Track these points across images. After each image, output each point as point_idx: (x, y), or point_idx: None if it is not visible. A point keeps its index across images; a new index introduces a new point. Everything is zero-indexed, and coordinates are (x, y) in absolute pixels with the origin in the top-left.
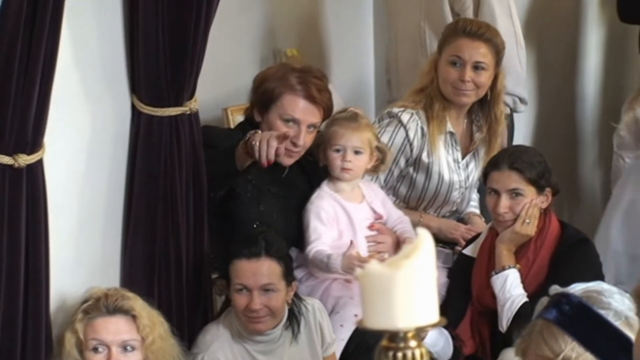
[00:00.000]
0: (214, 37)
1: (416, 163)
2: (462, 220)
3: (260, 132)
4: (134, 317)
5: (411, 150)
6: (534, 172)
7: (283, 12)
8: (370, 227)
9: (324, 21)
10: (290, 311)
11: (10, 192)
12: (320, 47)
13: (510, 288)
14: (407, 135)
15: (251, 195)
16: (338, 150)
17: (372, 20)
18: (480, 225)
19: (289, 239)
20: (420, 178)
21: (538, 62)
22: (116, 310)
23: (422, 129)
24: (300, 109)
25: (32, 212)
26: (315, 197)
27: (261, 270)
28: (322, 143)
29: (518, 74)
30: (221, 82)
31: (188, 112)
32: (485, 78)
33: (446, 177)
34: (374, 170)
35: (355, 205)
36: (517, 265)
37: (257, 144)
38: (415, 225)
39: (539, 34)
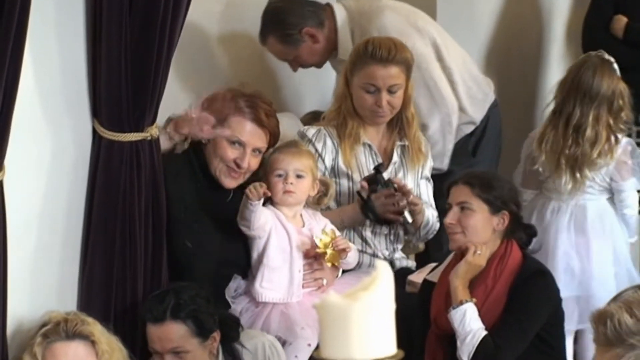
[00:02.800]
0: (176, 65)
1: (335, 170)
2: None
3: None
4: (93, 343)
5: (323, 161)
6: (490, 192)
7: (243, 44)
8: (306, 256)
9: None
10: (228, 358)
11: None
12: (283, 77)
13: (470, 322)
14: (315, 148)
15: (185, 215)
16: (280, 175)
17: None
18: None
19: (227, 263)
20: (344, 183)
21: (500, 98)
22: (75, 335)
23: (333, 142)
24: (247, 131)
25: None
26: None
27: (167, 335)
28: (264, 173)
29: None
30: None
31: (149, 138)
32: (399, 97)
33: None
34: (317, 203)
35: (296, 229)
36: (474, 299)
37: (191, 127)
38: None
39: (502, 67)
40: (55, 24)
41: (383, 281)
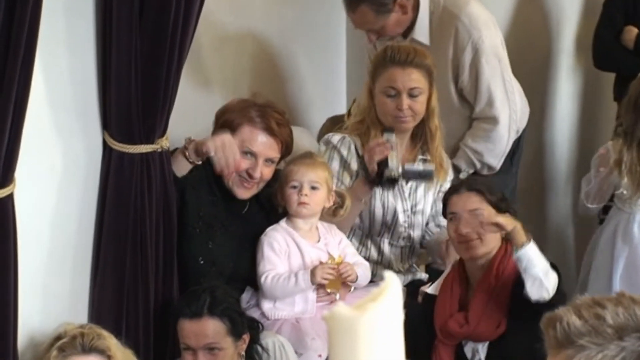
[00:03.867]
0: (186, 76)
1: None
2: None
3: (194, 139)
4: (109, 357)
5: (350, 167)
6: (494, 195)
7: (254, 53)
8: None
9: (296, 62)
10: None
11: None
12: (293, 88)
13: (541, 257)
14: (341, 154)
15: (200, 231)
16: (295, 187)
17: (345, 61)
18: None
19: (239, 278)
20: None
21: None
22: (92, 349)
23: (356, 150)
24: (259, 142)
25: (2, 246)
26: (270, 229)
27: (203, 331)
28: (279, 185)
29: (498, 150)
30: (192, 121)
31: (159, 150)
32: (421, 103)
33: (390, 198)
34: (333, 215)
35: (310, 244)
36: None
37: (215, 152)
38: None
39: None
40: (66, 35)
41: (391, 292)
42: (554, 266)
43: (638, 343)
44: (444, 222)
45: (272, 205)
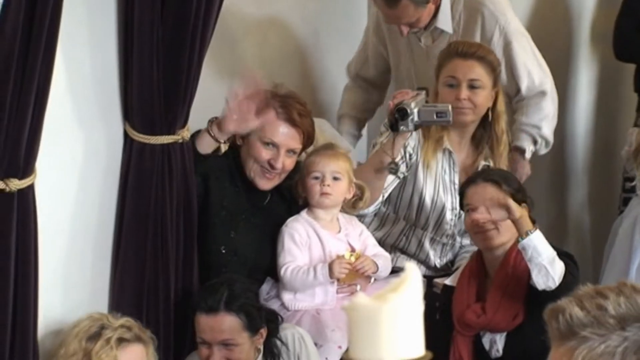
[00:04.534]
0: (208, 66)
1: (412, 169)
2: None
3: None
4: (146, 346)
5: (410, 156)
6: (510, 185)
7: (277, 44)
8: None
9: (318, 53)
10: (268, 353)
11: (1, 216)
12: (314, 80)
13: (547, 245)
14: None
15: (223, 220)
16: (317, 178)
17: None
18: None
19: (260, 268)
20: (408, 188)
21: None
22: (139, 339)
23: (417, 141)
24: (280, 132)
25: (22, 236)
26: (291, 220)
27: (219, 326)
28: (301, 176)
29: (551, 117)
30: (213, 112)
31: (180, 141)
32: (482, 97)
33: (440, 194)
34: (353, 207)
35: (331, 235)
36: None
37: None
38: None
39: None
40: (87, 26)
41: (412, 283)
42: (571, 256)
43: None
44: None
45: (292, 197)
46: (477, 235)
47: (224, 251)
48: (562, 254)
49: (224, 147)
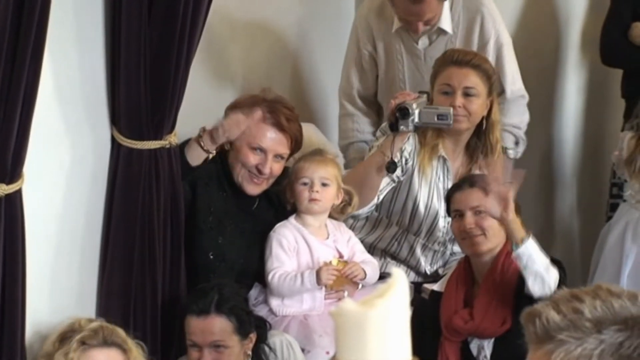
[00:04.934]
0: (195, 71)
1: (407, 174)
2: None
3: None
4: (124, 351)
5: (406, 161)
6: None
7: (265, 49)
8: None
9: (307, 57)
10: (256, 359)
11: None
12: (303, 84)
13: (540, 253)
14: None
15: (211, 226)
16: (305, 183)
17: None
18: None
19: (248, 274)
20: (403, 193)
21: None
22: (112, 343)
23: (413, 146)
24: (268, 138)
25: (10, 241)
26: (279, 225)
27: (210, 328)
28: (289, 181)
29: (527, 120)
30: (201, 117)
31: (167, 146)
32: (476, 105)
33: (434, 201)
34: (341, 212)
35: (319, 241)
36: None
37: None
38: None
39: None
40: (74, 31)
41: (398, 288)
42: (558, 262)
43: (616, 335)
44: None
45: (281, 202)
46: (465, 241)
47: (211, 257)
48: (550, 261)
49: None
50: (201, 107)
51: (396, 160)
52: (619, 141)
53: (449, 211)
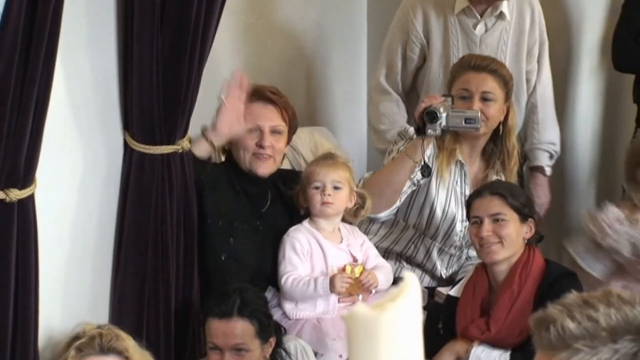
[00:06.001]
0: (207, 77)
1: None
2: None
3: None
4: (126, 358)
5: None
6: (517, 199)
7: (277, 53)
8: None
9: (317, 63)
10: None
11: (1, 226)
12: (314, 89)
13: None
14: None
15: (222, 227)
16: (317, 187)
17: (366, 62)
18: None
19: (262, 275)
20: (420, 196)
21: None
22: (110, 350)
23: (432, 151)
24: (257, 114)
25: (23, 247)
26: (293, 229)
27: (232, 331)
28: (301, 186)
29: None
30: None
31: (180, 151)
32: (494, 110)
33: (451, 205)
34: (354, 215)
35: (333, 245)
36: (474, 343)
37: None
38: None
39: None
40: (87, 35)
41: (411, 291)
42: (573, 275)
43: (630, 345)
44: None
45: (294, 206)
46: (482, 248)
47: (224, 258)
48: (566, 273)
49: (214, 156)
50: (213, 111)
51: (423, 163)
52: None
53: (468, 217)
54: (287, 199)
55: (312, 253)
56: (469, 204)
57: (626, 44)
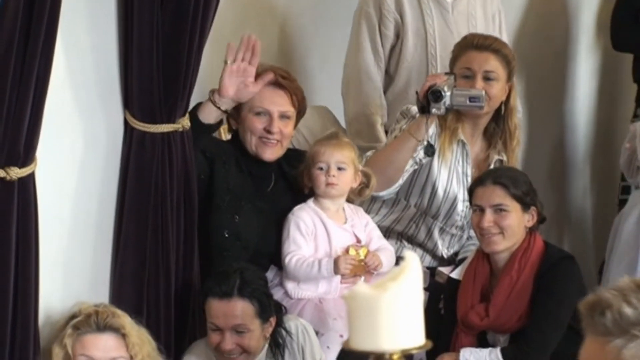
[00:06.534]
0: (208, 56)
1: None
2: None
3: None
4: (123, 335)
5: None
6: (519, 189)
7: (277, 31)
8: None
9: (317, 41)
10: (273, 343)
11: (2, 205)
12: (314, 68)
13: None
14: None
15: (227, 204)
16: (321, 168)
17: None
18: None
19: (264, 254)
20: (422, 175)
21: (529, 88)
22: (106, 327)
23: (434, 130)
24: (267, 98)
25: (23, 225)
26: (298, 208)
27: (232, 311)
28: (306, 166)
29: None
30: None
31: (180, 129)
32: (496, 89)
33: (453, 185)
34: (359, 194)
35: (337, 225)
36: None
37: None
38: None
39: (531, 60)
40: (87, 15)
41: (411, 272)
42: (571, 258)
43: None
44: None
45: (299, 186)
46: (483, 238)
47: (226, 235)
48: (563, 258)
49: (225, 135)
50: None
51: (426, 142)
52: (630, 131)
53: (471, 202)
54: (290, 179)
55: (316, 233)
56: (471, 191)
57: (624, 24)
